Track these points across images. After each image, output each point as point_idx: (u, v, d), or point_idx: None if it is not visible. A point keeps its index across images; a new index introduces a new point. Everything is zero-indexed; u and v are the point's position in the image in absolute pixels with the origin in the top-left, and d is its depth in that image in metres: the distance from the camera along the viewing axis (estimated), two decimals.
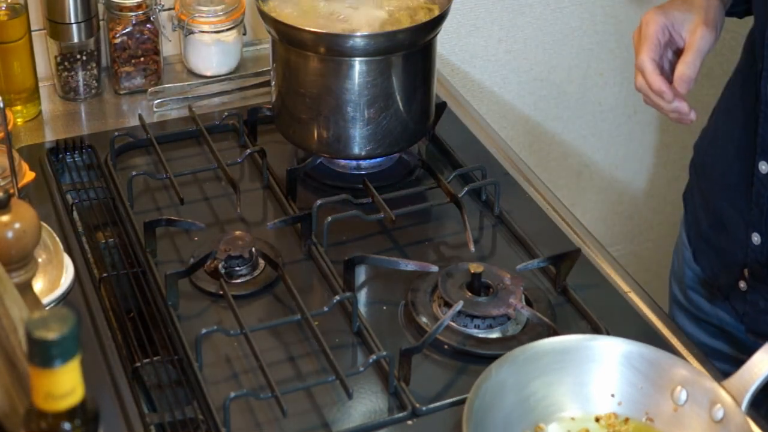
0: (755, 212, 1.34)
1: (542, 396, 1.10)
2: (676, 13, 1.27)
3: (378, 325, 1.23)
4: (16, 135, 1.53)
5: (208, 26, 1.65)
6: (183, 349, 1.17)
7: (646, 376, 1.10)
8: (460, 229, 1.37)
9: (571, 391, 1.11)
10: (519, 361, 1.09)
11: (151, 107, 1.62)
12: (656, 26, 1.26)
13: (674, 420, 1.08)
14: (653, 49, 1.26)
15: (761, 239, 1.34)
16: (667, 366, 1.09)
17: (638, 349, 1.11)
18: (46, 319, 0.71)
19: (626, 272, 1.35)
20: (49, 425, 0.74)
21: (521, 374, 1.09)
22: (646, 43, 1.26)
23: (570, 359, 1.11)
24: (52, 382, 0.72)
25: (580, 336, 1.15)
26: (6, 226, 0.97)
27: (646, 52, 1.26)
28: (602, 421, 1.10)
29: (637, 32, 1.29)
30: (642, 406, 1.10)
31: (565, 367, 1.11)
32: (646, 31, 1.26)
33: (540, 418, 1.09)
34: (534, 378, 1.10)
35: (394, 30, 1.39)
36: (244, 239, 1.29)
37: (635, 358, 1.10)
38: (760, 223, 1.34)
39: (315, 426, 1.11)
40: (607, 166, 2.26)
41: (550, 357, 1.11)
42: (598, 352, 1.11)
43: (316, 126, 1.43)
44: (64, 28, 1.57)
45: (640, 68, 1.27)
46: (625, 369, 1.11)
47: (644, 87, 1.28)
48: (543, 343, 1.12)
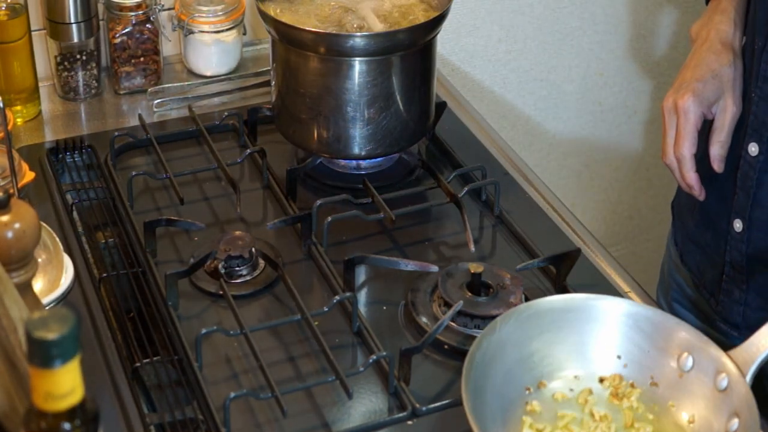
0: (740, 197, 1.34)
1: (546, 353, 1.10)
2: (709, 96, 1.30)
3: (378, 325, 1.23)
4: (16, 135, 1.53)
5: (208, 26, 1.65)
6: (183, 349, 1.17)
7: (652, 340, 1.09)
8: (460, 229, 1.37)
9: (575, 350, 1.11)
10: (523, 317, 1.09)
11: (151, 107, 1.62)
12: (695, 117, 1.29)
13: (678, 385, 1.08)
14: (694, 144, 1.30)
15: (743, 225, 1.34)
16: (674, 330, 1.09)
17: (645, 311, 1.11)
18: (46, 319, 0.71)
19: (626, 272, 1.35)
20: (49, 425, 0.74)
21: (524, 330, 1.09)
22: (688, 138, 1.29)
23: (574, 318, 1.11)
24: (52, 382, 0.72)
25: (585, 295, 1.15)
26: (6, 226, 0.97)
27: (688, 148, 1.30)
28: (606, 382, 1.10)
29: (672, 113, 1.31)
30: (647, 370, 1.10)
31: (569, 326, 1.10)
32: (686, 123, 1.29)
33: (542, 375, 1.09)
34: (537, 335, 1.09)
35: (394, 30, 1.39)
36: (244, 239, 1.29)
37: (642, 321, 1.10)
38: (744, 208, 1.33)
39: (315, 426, 1.11)
40: (607, 166, 2.26)
41: (555, 314, 1.10)
42: (603, 311, 1.11)
43: (316, 126, 1.43)
44: (64, 28, 1.57)
45: (679, 160, 1.31)
46: (632, 331, 1.10)
47: (674, 167, 1.32)
48: (547, 301, 1.12)
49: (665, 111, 1.31)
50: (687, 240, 1.48)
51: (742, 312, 1.38)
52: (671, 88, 1.33)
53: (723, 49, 1.32)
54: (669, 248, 1.57)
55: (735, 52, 1.33)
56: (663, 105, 1.32)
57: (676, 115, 1.30)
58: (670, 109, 1.31)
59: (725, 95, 1.31)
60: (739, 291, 1.37)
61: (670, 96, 1.32)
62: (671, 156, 1.32)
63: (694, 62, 1.33)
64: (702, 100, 1.30)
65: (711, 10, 1.38)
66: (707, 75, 1.30)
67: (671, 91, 1.32)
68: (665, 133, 1.32)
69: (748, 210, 1.33)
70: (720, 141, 1.31)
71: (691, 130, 1.29)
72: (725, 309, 1.40)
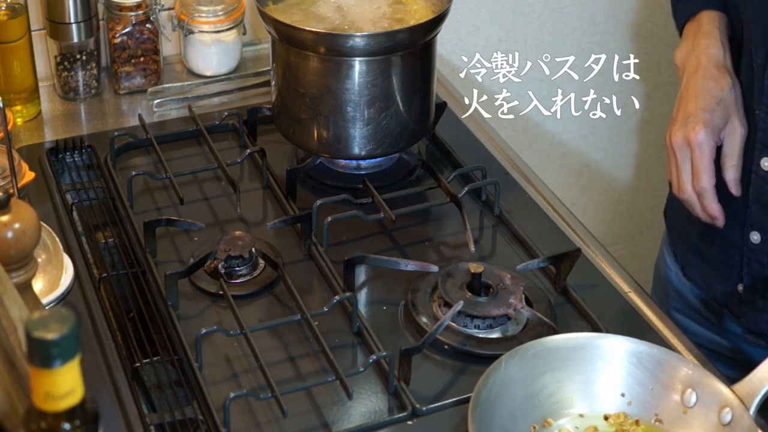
0: (754, 210, 1.33)
1: (551, 392, 1.10)
2: (719, 124, 1.30)
3: (378, 325, 1.23)
4: (16, 135, 1.53)
5: (207, 26, 1.65)
6: (183, 349, 1.17)
7: (656, 377, 1.10)
8: (460, 229, 1.37)
9: (580, 388, 1.11)
10: (527, 356, 1.10)
11: (151, 107, 1.62)
12: (710, 149, 1.29)
13: (683, 421, 1.08)
14: (713, 176, 1.30)
15: (761, 237, 1.34)
16: (677, 367, 1.10)
17: (648, 349, 1.12)
18: (46, 319, 0.71)
19: (626, 272, 1.35)
20: (48, 425, 0.74)
21: (528, 369, 1.09)
22: (706, 171, 1.29)
23: (579, 356, 1.11)
24: (52, 382, 0.72)
25: (589, 334, 1.16)
26: (6, 226, 0.97)
27: (708, 181, 1.29)
28: (611, 419, 1.10)
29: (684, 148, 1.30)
30: (651, 407, 1.10)
31: (574, 365, 1.11)
32: (702, 156, 1.28)
33: (548, 413, 1.10)
34: (542, 374, 1.10)
35: (394, 30, 1.39)
36: (244, 239, 1.29)
37: (645, 358, 1.11)
38: (762, 220, 1.33)
39: (315, 426, 1.11)
40: (607, 166, 2.26)
41: (560, 353, 1.11)
42: (607, 349, 1.12)
43: (316, 126, 1.43)
44: (63, 28, 1.57)
45: (700, 193, 1.30)
46: (635, 368, 1.11)
47: (694, 201, 1.32)
48: (552, 339, 1.12)
49: (675, 147, 1.30)
50: (689, 252, 1.47)
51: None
52: (675, 122, 1.31)
53: (719, 73, 1.31)
54: (664, 257, 1.56)
55: (730, 73, 1.32)
56: (671, 140, 1.30)
57: (690, 150, 1.29)
58: (682, 145, 1.29)
59: (732, 119, 1.30)
60: (762, 300, 1.37)
61: (678, 131, 1.29)
62: (690, 191, 1.30)
63: (693, 92, 1.31)
64: (713, 129, 1.29)
65: (693, 35, 1.37)
66: (712, 103, 1.29)
67: (677, 126, 1.30)
68: (678, 168, 1.30)
69: (767, 222, 1.33)
70: (733, 165, 1.30)
71: (708, 162, 1.28)
72: (749, 320, 1.40)
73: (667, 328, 1.26)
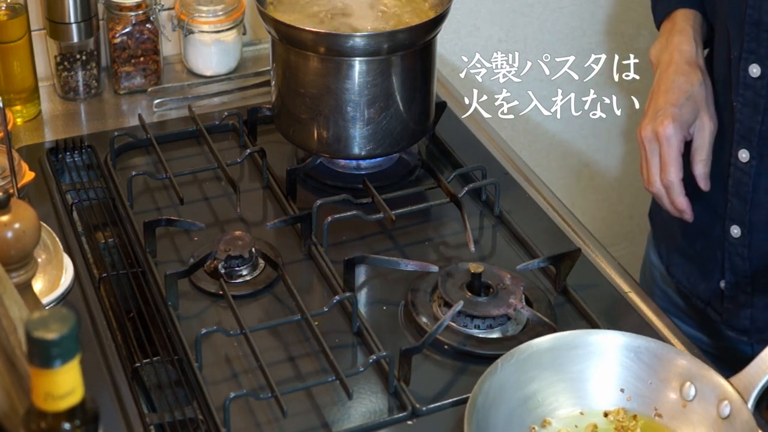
0: (734, 203, 1.34)
1: (549, 392, 1.10)
2: (687, 118, 1.31)
3: (378, 325, 1.23)
4: (16, 135, 1.53)
5: (207, 26, 1.65)
6: (183, 349, 1.17)
7: (654, 371, 1.10)
8: (460, 229, 1.37)
9: (578, 387, 1.11)
10: (522, 358, 1.10)
11: (151, 107, 1.62)
12: (677, 142, 1.30)
13: (682, 415, 1.08)
14: (680, 169, 1.31)
15: (741, 230, 1.34)
16: (675, 360, 1.10)
17: (646, 343, 1.11)
18: (46, 319, 0.71)
19: (626, 272, 1.35)
20: (48, 425, 0.74)
21: (522, 372, 1.09)
22: (673, 164, 1.30)
23: (575, 354, 1.11)
24: (52, 382, 0.72)
25: (579, 331, 1.15)
26: (6, 226, 0.97)
27: (675, 174, 1.31)
28: (611, 416, 1.10)
29: (653, 142, 1.31)
30: (651, 402, 1.10)
31: (571, 362, 1.11)
32: (669, 150, 1.30)
33: (547, 413, 1.10)
34: (536, 375, 1.10)
35: (394, 30, 1.39)
36: (244, 239, 1.29)
37: (643, 353, 1.10)
38: (741, 213, 1.34)
39: (315, 426, 1.11)
40: (607, 166, 2.26)
41: (555, 352, 1.11)
42: (603, 346, 1.11)
43: (316, 126, 1.43)
44: (63, 27, 1.57)
45: (668, 186, 1.32)
46: (633, 363, 1.11)
47: (662, 194, 1.33)
48: (547, 339, 1.12)
49: (644, 140, 1.32)
50: (673, 252, 1.48)
51: (750, 315, 1.38)
52: (645, 116, 1.33)
53: (690, 69, 1.33)
54: (650, 258, 1.56)
55: (702, 69, 1.34)
56: (640, 134, 1.32)
57: (658, 143, 1.31)
58: (650, 138, 1.31)
59: (701, 114, 1.32)
60: (744, 295, 1.37)
61: (647, 125, 1.32)
62: (658, 184, 1.32)
63: (664, 87, 1.33)
64: (681, 124, 1.30)
65: (667, 32, 1.38)
66: (681, 98, 1.31)
67: (647, 120, 1.32)
68: (647, 161, 1.32)
69: (747, 215, 1.33)
70: (702, 159, 1.32)
71: (676, 155, 1.30)
72: (731, 315, 1.40)
73: (667, 328, 1.26)
